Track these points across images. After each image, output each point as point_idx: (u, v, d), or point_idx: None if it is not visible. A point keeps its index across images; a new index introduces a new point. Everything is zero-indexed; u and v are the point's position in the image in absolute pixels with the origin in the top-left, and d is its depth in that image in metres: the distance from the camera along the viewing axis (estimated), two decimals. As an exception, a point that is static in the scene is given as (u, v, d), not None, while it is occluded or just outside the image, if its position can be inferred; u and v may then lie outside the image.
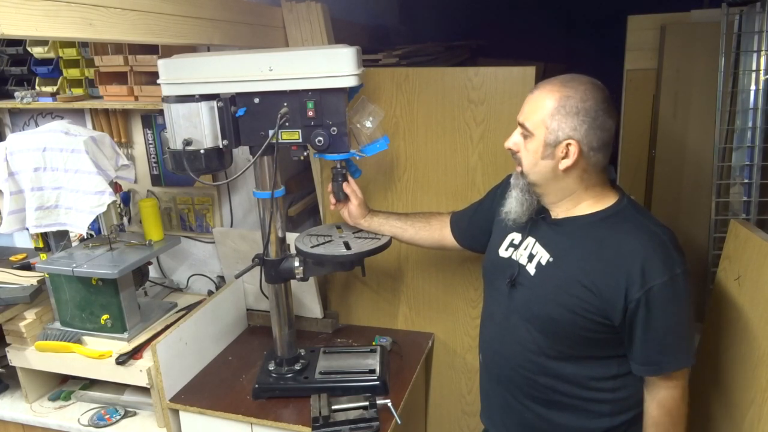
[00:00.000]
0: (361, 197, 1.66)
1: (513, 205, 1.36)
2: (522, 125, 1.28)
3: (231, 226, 2.18)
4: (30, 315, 1.89)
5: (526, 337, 1.33)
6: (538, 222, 1.36)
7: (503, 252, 1.41)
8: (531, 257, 1.34)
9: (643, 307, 1.19)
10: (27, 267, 2.15)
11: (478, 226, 1.57)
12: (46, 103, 2.11)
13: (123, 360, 1.75)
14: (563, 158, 1.23)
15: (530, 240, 1.36)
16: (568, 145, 1.22)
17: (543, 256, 1.31)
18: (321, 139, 1.48)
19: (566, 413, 1.33)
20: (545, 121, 1.22)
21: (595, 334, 1.25)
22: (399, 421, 1.60)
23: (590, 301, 1.23)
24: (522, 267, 1.35)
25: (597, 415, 1.32)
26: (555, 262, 1.29)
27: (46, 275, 1.87)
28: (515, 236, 1.41)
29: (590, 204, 1.29)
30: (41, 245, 1.91)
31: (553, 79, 1.26)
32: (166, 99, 1.49)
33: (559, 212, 1.32)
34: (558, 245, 1.30)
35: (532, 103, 1.26)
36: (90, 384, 1.98)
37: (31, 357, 1.86)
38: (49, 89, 2.19)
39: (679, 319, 1.21)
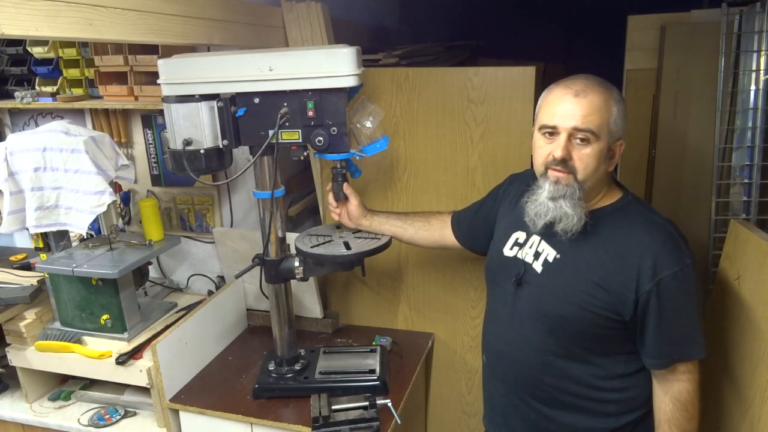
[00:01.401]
0: (358, 197, 1.66)
1: (570, 215, 1.23)
2: (588, 131, 1.20)
3: (231, 226, 2.18)
4: (30, 315, 1.89)
5: (532, 336, 1.33)
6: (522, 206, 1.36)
7: (508, 251, 1.41)
8: (537, 255, 1.34)
9: (654, 299, 1.20)
10: (27, 267, 2.15)
11: (479, 227, 1.57)
12: (46, 103, 2.11)
13: (123, 360, 1.75)
14: (611, 158, 1.26)
15: (535, 238, 1.36)
16: (620, 145, 1.26)
17: (549, 253, 1.32)
18: (321, 139, 1.48)
19: (572, 413, 1.33)
20: (609, 125, 1.22)
21: (605, 330, 1.26)
22: (399, 421, 1.60)
23: (600, 297, 1.23)
24: (528, 265, 1.35)
25: (603, 415, 1.32)
26: (562, 259, 1.29)
27: (46, 275, 1.87)
28: (520, 235, 1.40)
29: (599, 200, 1.30)
30: (41, 245, 1.91)
31: (590, 81, 1.23)
32: (166, 99, 1.49)
33: None
34: (565, 242, 1.30)
35: (590, 107, 1.19)
36: (90, 384, 1.98)
37: (31, 357, 1.86)
38: (49, 89, 2.19)
39: (690, 309, 1.22)
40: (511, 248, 1.41)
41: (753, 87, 1.93)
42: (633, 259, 1.21)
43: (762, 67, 1.91)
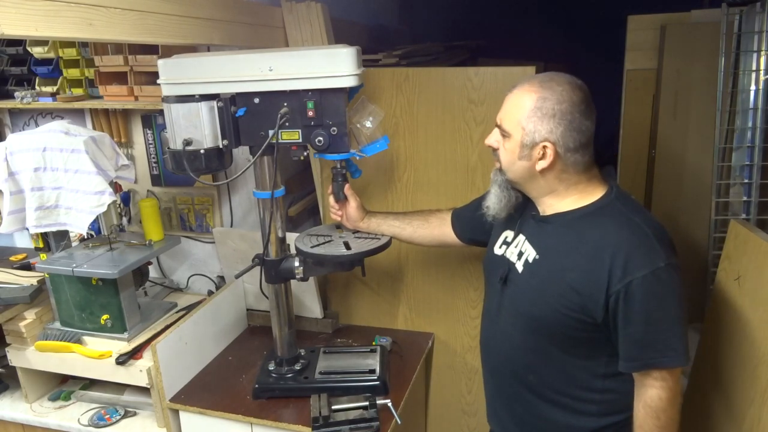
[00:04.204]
0: (358, 200, 1.67)
1: (492, 200, 1.38)
2: (499, 126, 1.29)
3: (231, 226, 2.18)
4: (30, 315, 1.89)
5: (513, 334, 1.34)
6: (527, 219, 1.36)
7: (497, 250, 1.43)
8: (520, 255, 1.34)
9: (622, 301, 1.17)
10: (27, 267, 2.15)
11: (479, 222, 1.56)
12: (46, 103, 2.11)
13: (123, 360, 1.75)
14: (540, 159, 1.24)
15: (521, 238, 1.37)
16: (544, 147, 1.22)
17: (530, 253, 1.32)
18: (321, 139, 1.48)
19: (554, 408, 1.34)
20: (521, 123, 1.23)
21: (579, 332, 1.24)
22: (399, 421, 1.60)
23: (572, 299, 1.22)
24: (512, 265, 1.36)
25: (583, 414, 1.31)
26: (540, 260, 1.29)
27: (46, 275, 1.87)
28: (508, 234, 1.41)
29: (575, 199, 1.28)
30: (41, 245, 1.91)
31: (532, 78, 1.26)
32: (166, 99, 1.49)
33: (545, 208, 1.32)
34: (544, 243, 1.30)
35: (509, 103, 1.27)
36: (90, 384, 1.98)
37: (31, 357, 1.86)
38: (49, 89, 2.19)
39: (662, 314, 1.18)
40: (500, 246, 1.42)
41: (753, 87, 1.93)
42: (605, 260, 1.18)
43: (762, 67, 1.91)
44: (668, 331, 1.19)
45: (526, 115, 1.22)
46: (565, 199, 1.29)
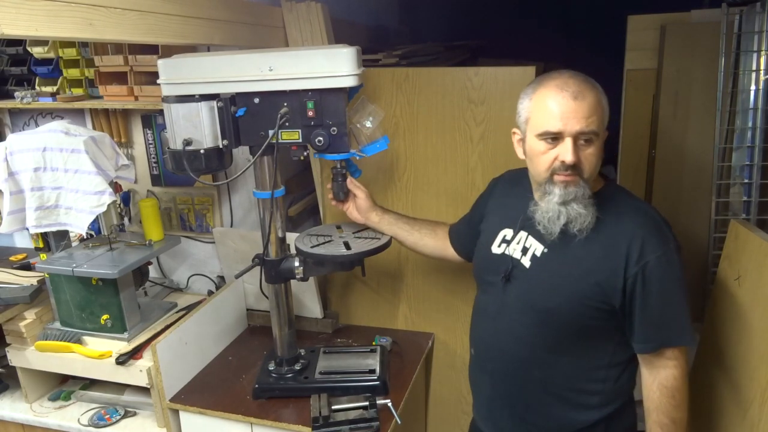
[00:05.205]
0: (365, 190, 1.66)
1: (582, 212, 1.23)
2: (592, 132, 1.20)
3: (231, 226, 2.18)
4: (30, 315, 1.89)
5: (521, 330, 1.34)
6: (528, 215, 1.35)
7: (496, 248, 1.42)
8: (525, 250, 1.35)
9: (640, 282, 1.22)
10: (27, 267, 2.15)
11: (471, 238, 1.56)
12: (46, 103, 2.11)
13: (123, 360, 1.75)
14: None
15: (523, 234, 1.37)
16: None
17: (537, 248, 1.33)
18: (321, 139, 1.48)
19: (557, 405, 1.35)
20: (604, 121, 1.24)
21: (593, 321, 1.27)
22: (399, 421, 1.60)
23: (588, 287, 1.25)
24: (516, 261, 1.36)
25: (586, 407, 1.33)
26: (550, 253, 1.30)
27: (46, 275, 1.87)
28: (507, 232, 1.41)
29: None
30: (41, 245, 1.91)
31: (577, 77, 1.22)
32: (166, 99, 1.49)
33: None
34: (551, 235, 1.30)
35: (590, 109, 1.19)
36: (90, 384, 1.98)
37: (31, 357, 1.86)
38: (49, 89, 2.19)
39: (674, 293, 1.24)
40: (499, 245, 1.42)
41: (753, 87, 1.93)
42: (621, 245, 1.23)
43: (762, 67, 1.91)
44: (680, 310, 1.25)
45: (606, 112, 1.24)
46: None
